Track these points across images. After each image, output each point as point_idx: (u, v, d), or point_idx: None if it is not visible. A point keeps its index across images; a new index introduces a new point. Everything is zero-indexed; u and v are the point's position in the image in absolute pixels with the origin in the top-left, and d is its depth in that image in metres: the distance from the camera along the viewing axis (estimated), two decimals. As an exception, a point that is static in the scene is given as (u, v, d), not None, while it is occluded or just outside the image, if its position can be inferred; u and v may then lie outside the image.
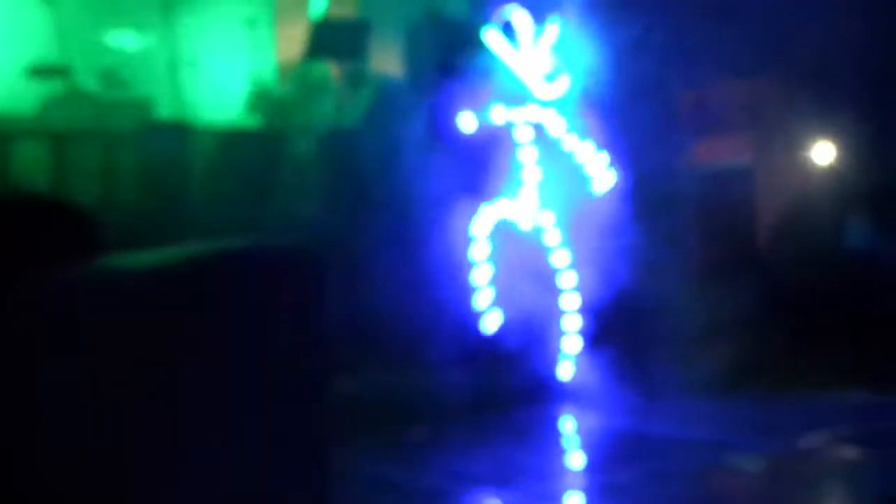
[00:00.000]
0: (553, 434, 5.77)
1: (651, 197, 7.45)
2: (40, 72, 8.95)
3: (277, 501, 1.94)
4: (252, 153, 8.64)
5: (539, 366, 6.33)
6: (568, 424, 5.89)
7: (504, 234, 6.25)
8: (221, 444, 1.90)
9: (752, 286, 7.54)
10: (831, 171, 9.17)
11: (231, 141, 8.79)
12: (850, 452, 4.78)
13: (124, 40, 9.69)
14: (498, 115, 6.31)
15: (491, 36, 6.39)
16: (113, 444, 1.96)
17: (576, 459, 4.99)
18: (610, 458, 4.80)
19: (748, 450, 4.97)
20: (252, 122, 10.17)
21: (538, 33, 6.39)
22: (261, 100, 10.01)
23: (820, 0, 8.06)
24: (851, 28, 8.07)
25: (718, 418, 5.70)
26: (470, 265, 6.16)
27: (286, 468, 1.95)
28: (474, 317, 6.17)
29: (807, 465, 4.71)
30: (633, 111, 7.43)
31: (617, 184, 6.78)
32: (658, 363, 7.19)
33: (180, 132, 8.36)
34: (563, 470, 4.76)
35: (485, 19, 6.44)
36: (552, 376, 6.33)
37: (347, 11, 11.52)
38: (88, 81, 9.19)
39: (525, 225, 6.29)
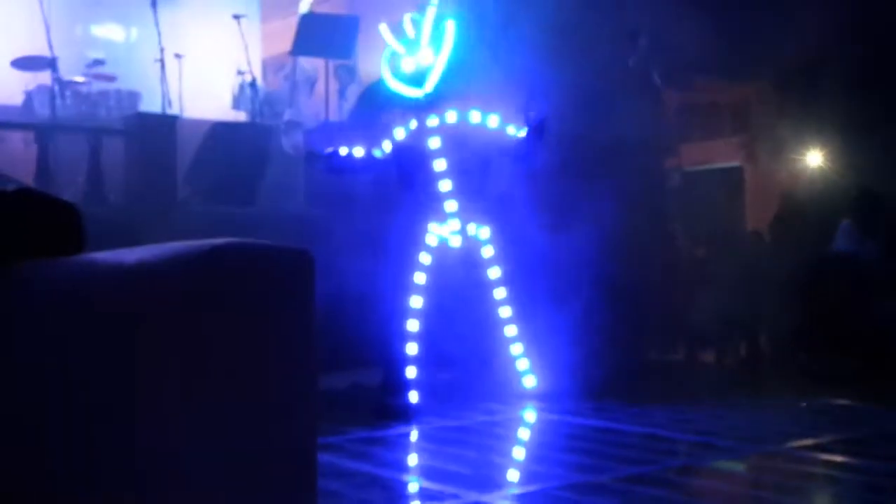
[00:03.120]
0: (528, 435, 5.77)
1: (638, 197, 7.47)
2: (26, 63, 8.92)
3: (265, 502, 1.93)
4: (239, 147, 8.62)
5: (505, 370, 6.32)
6: (540, 426, 5.89)
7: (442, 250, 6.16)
8: (207, 445, 1.88)
9: (737, 290, 7.56)
10: (819, 174, 9.21)
11: (218, 134, 8.76)
12: (830, 458, 4.79)
13: (111, 33, 9.65)
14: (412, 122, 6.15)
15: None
16: (93, 445, 1.94)
17: (551, 458, 4.97)
18: (587, 458, 4.79)
19: (730, 453, 4.97)
20: (238, 116, 10.16)
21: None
22: (247, 94, 10.00)
23: (808, 6, 8.09)
24: (841, 34, 8.09)
25: (701, 421, 5.71)
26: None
27: (273, 468, 1.93)
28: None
29: (788, 469, 4.71)
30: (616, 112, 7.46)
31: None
32: (639, 367, 7.21)
33: (167, 125, 8.33)
34: (539, 470, 4.75)
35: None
36: (518, 381, 6.31)
37: (336, 7, 11.53)
38: (74, 73, 9.16)
39: (456, 241, 6.15)
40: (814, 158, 9.53)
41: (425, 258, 6.05)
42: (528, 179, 6.54)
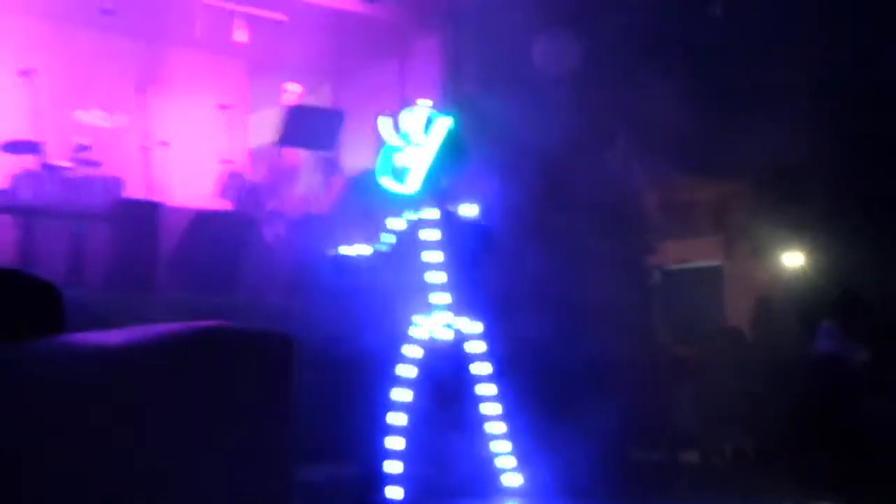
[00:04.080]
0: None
1: (619, 295, 7.47)
2: (13, 147, 8.92)
3: None
4: (222, 236, 8.60)
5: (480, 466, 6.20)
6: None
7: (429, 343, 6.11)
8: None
9: (721, 390, 7.52)
10: (800, 274, 9.24)
11: (201, 223, 8.75)
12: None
13: (97, 119, 9.67)
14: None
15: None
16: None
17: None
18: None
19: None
20: (222, 205, 10.16)
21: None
22: (232, 183, 10.02)
23: (789, 107, 8.20)
24: (821, 137, 8.20)
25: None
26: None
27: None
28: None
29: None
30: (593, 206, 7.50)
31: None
32: (624, 466, 7.12)
33: (150, 212, 8.31)
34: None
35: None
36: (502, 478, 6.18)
37: (321, 100, 11.64)
38: (60, 158, 9.17)
39: (444, 334, 6.10)
40: (795, 258, 9.58)
41: (413, 351, 5.99)
42: (517, 276, 6.53)
